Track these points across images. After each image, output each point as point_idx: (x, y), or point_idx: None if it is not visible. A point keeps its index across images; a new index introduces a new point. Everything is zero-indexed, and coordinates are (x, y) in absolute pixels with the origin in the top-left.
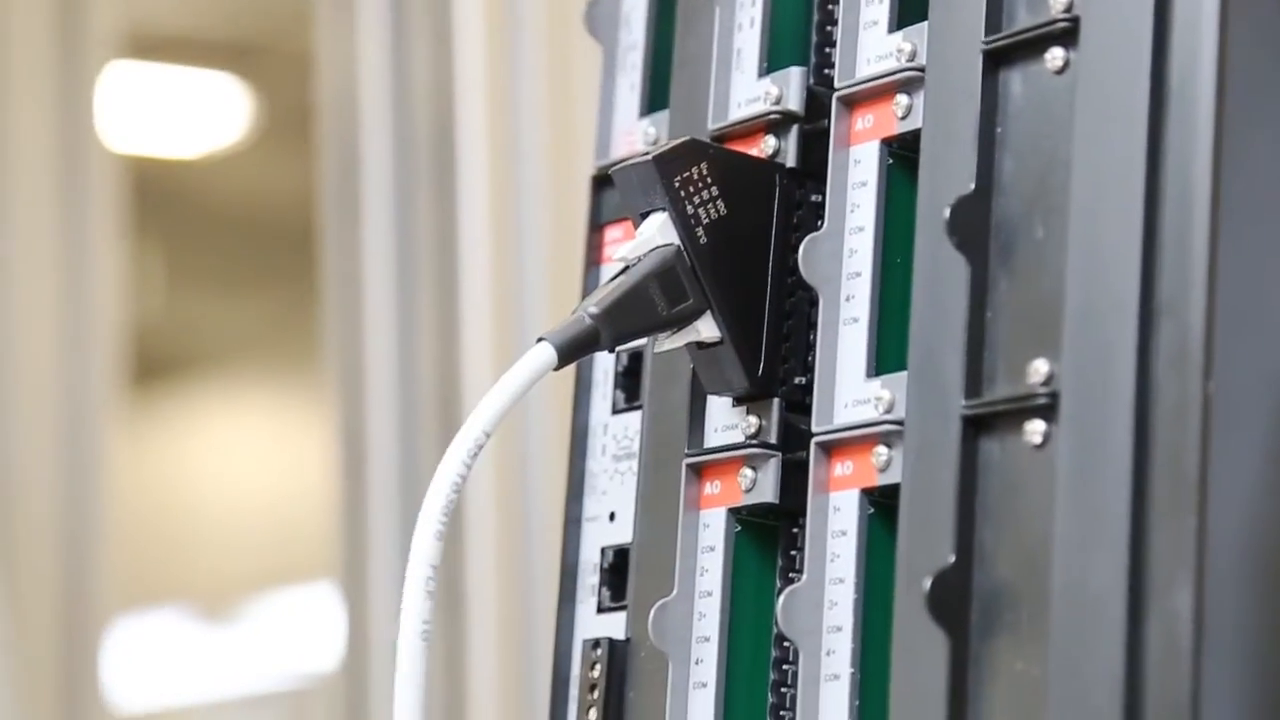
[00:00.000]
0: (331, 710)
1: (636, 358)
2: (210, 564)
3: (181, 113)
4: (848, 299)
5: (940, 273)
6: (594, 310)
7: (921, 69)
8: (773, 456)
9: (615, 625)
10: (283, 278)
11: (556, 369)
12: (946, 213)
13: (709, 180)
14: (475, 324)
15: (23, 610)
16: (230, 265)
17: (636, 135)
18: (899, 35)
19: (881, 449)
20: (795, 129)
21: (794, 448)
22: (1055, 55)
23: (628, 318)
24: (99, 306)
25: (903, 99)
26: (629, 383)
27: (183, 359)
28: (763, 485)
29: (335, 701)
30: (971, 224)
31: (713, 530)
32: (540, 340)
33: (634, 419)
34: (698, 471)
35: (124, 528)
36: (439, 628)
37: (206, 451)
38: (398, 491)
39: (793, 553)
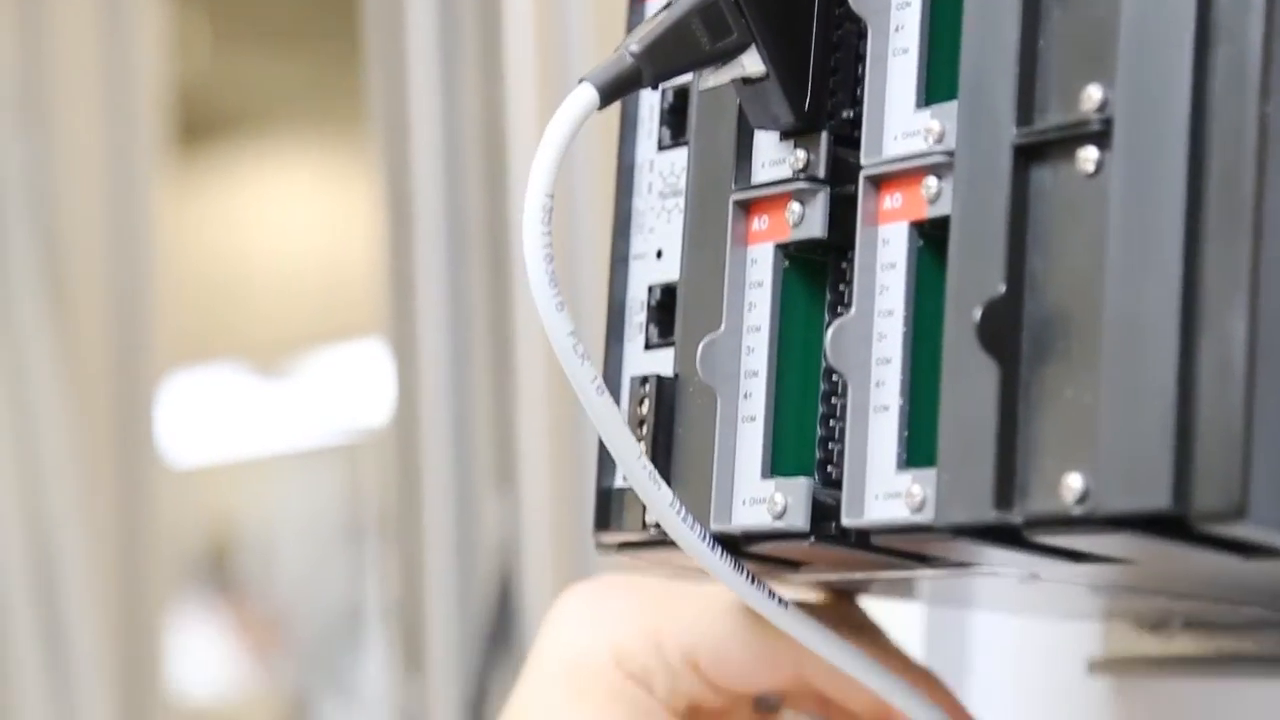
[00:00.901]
0: (383, 463)
1: (682, 94)
2: (260, 321)
3: None
4: (897, 29)
5: None
6: (635, 48)
7: None
8: (820, 190)
9: (663, 362)
10: (326, 33)
11: (600, 109)
12: None
13: None
14: (520, 64)
15: (78, 370)
16: (273, 21)
17: None
18: None
19: (931, 180)
20: None
21: (842, 181)
22: None
23: (670, 55)
24: (143, 66)
25: None
26: (675, 119)
27: (228, 117)
28: (810, 220)
29: (386, 454)
30: None
31: (760, 265)
32: (581, 81)
33: (680, 155)
34: (745, 207)
35: (174, 286)
36: (487, 378)
37: (254, 209)
38: (445, 245)
39: (841, 287)
